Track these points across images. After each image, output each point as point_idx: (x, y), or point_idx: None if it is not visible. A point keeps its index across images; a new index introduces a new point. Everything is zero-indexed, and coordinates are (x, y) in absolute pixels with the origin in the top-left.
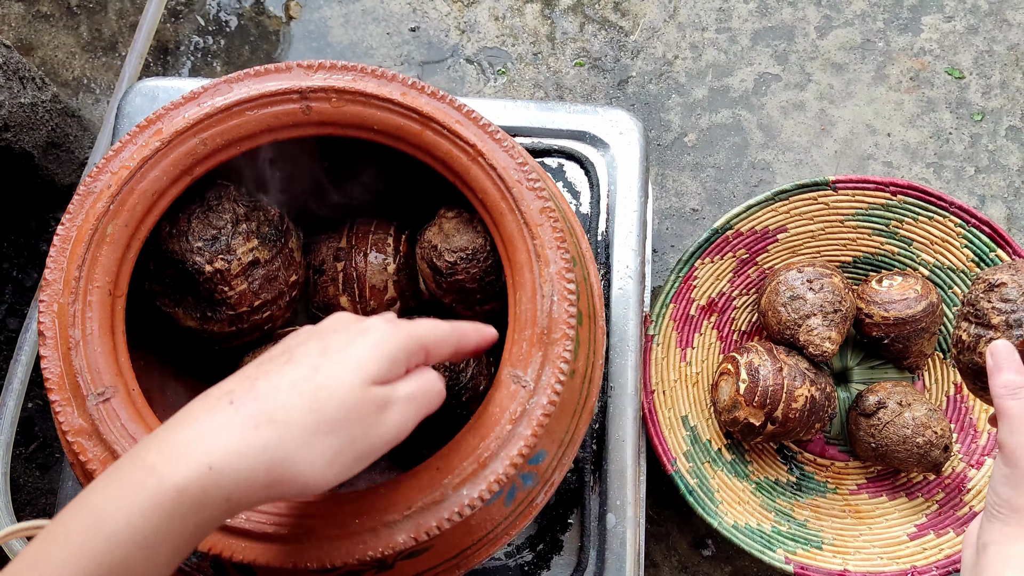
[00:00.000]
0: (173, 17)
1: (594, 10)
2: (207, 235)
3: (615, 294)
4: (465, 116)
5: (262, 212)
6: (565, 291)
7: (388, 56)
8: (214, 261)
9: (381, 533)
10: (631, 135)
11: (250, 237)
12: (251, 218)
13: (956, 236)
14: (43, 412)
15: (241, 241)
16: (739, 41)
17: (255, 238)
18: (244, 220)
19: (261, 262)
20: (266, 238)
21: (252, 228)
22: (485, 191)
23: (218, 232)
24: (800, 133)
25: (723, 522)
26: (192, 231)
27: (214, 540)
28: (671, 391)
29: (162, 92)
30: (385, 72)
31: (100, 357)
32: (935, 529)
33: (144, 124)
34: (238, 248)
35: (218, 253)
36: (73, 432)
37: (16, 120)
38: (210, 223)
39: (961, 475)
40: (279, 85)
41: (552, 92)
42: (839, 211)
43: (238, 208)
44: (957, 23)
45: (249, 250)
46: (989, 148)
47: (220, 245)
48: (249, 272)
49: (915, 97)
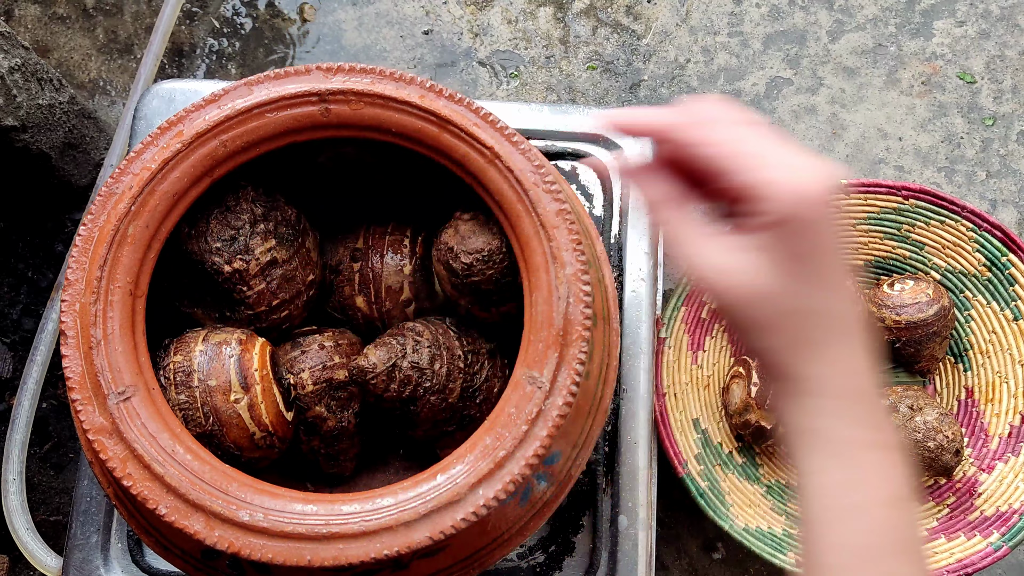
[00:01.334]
0: (188, 19)
1: (607, 14)
2: (225, 235)
3: (628, 297)
4: (482, 119)
5: (279, 212)
6: (581, 293)
7: (401, 59)
8: (233, 261)
9: (398, 532)
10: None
11: (268, 237)
12: (268, 218)
13: (968, 240)
14: (57, 412)
15: (259, 241)
16: (751, 45)
17: (273, 238)
18: (262, 220)
19: (279, 262)
20: (283, 238)
21: (270, 228)
22: (502, 193)
23: (236, 232)
24: (812, 137)
25: (734, 525)
26: (211, 232)
27: (232, 538)
28: (682, 394)
29: (179, 94)
30: (404, 75)
31: (121, 356)
32: (946, 533)
33: (165, 126)
34: (256, 248)
35: (236, 253)
36: (94, 431)
37: (34, 121)
38: (228, 223)
39: (972, 479)
40: (299, 88)
41: (564, 95)
42: (851, 215)
43: (256, 208)
44: (969, 28)
45: (267, 250)
46: (1000, 153)
47: (238, 245)
48: (267, 272)
49: (927, 101)
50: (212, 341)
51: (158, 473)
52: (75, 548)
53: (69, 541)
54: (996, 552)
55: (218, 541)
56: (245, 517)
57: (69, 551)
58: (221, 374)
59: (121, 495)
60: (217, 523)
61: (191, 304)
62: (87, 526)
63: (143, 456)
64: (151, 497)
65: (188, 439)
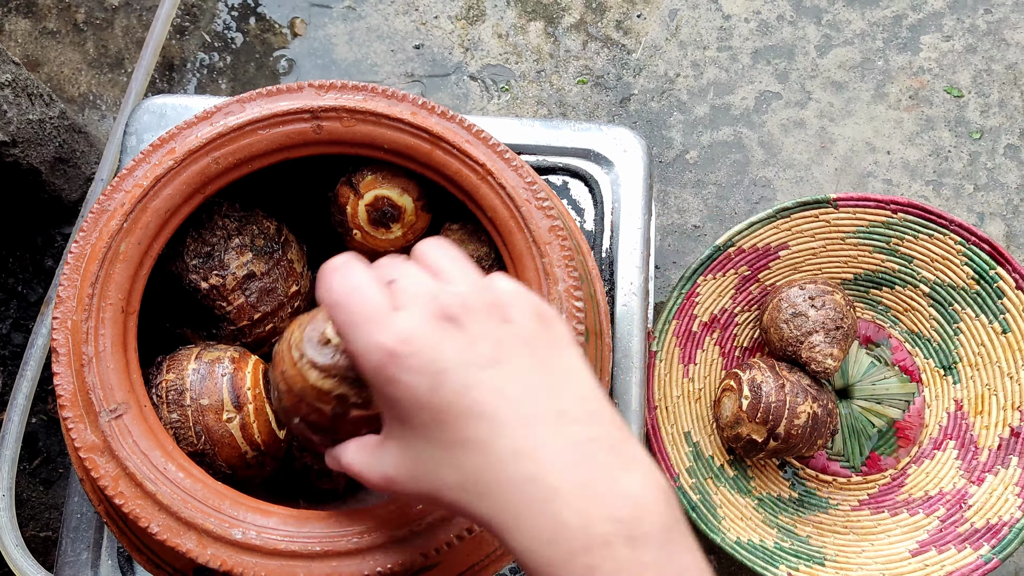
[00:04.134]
0: (179, 34)
1: (597, 28)
2: (201, 252)
3: (619, 311)
4: (474, 136)
5: (255, 226)
6: (573, 309)
7: (392, 73)
8: (209, 277)
9: (391, 549)
10: (635, 153)
11: (243, 251)
12: (243, 232)
13: (956, 254)
14: (47, 428)
15: (234, 256)
16: (740, 59)
17: (249, 251)
18: (236, 234)
19: (257, 275)
20: (260, 251)
21: (245, 242)
22: (495, 209)
23: (212, 248)
24: (801, 151)
25: (726, 538)
26: (187, 250)
27: (225, 557)
28: (674, 407)
29: (170, 109)
30: (396, 92)
31: (113, 374)
32: (936, 545)
33: (157, 143)
34: (231, 263)
35: (212, 269)
36: (86, 448)
37: (24, 136)
38: (203, 240)
39: (962, 491)
40: (291, 105)
41: (555, 109)
42: (840, 229)
43: (229, 223)
44: (956, 42)
45: (243, 264)
46: (988, 166)
47: (214, 261)
48: (245, 286)
49: (914, 115)
50: (205, 359)
51: (150, 491)
52: (65, 565)
53: (59, 558)
54: (987, 564)
55: (211, 559)
56: (238, 535)
57: (59, 568)
58: (214, 393)
59: (112, 513)
60: (210, 541)
61: (179, 324)
62: (77, 543)
63: (135, 474)
64: (143, 515)
65: (180, 457)
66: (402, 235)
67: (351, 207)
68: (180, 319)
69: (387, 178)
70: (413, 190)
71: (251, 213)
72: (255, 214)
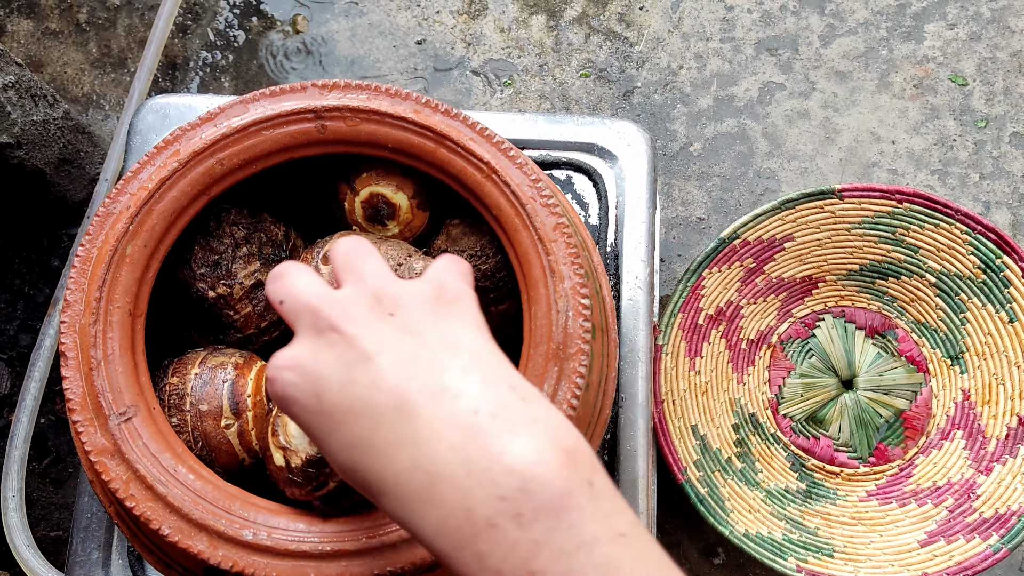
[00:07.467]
0: (181, 33)
1: (599, 21)
2: (209, 261)
3: (625, 305)
4: (478, 134)
5: (263, 233)
6: (580, 306)
7: (394, 69)
8: (216, 287)
9: (400, 548)
10: (639, 146)
11: (251, 260)
12: (251, 240)
13: (962, 243)
14: (56, 427)
15: (242, 265)
16: (743, 51)
17: (257, 260)
18: (244, 243)
19: (264, 284)
20: (268, 259)
21: (253, 251)
22: (499, 207)
23: (219, 257)
24: (805, 141)
25: (734, 531)
26: (195, 258)
27: (236, 557)
28: (680, 400)
29: (173, 109)
30: (399, 91)
31: (121, 377)
32: (945, 535)
33: (162, 145)
34: (239, 272)
35: (219, 279)
36: (96, 452)
37: (29, 138)
38: (211, 248)
39: (970, 481)
40: (294, 105)
41: (558, 103)
42: (845, 219)
43: (237, 231)
44: (960, 30)
45: (251, 273)
46: (993, 155)
47: (221, 271)
48: (252, 295)
49: (919, 104)
50: (209, 364)
51: (161, 493)
52: (76, 565)
53: (70, 558)
54: (995, 554)
55: (222, 560)
56: (249, 536)
57: (70, 568)
58: (213, 399)
59: (123, 515)
60: (221, 542)
61: (187, 327)
62: (88, 543)
63: (145, 476)
64: (154, 518)
65: (190, 459)
66: (399, 232)
67: (348, 204)
68: (188, 323)
69: (382, 175)
70: (408, 187)
71: (259, 220)
72: (263, 220)
